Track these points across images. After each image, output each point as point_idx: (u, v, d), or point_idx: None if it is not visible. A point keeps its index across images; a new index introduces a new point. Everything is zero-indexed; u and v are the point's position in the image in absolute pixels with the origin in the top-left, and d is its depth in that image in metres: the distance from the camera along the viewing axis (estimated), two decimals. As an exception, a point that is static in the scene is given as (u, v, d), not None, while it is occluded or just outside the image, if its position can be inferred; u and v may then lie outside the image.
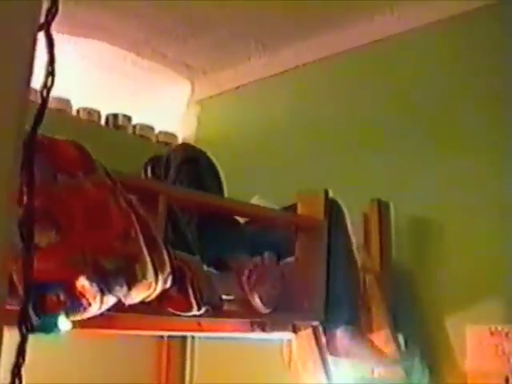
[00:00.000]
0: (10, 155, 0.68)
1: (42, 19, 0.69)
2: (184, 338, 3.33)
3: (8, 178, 0.68)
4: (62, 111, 3.29)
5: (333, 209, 2.42)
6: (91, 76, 3.50)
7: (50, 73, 0.70)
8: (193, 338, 3.32)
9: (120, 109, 3.60)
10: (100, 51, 3.40)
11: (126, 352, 3.08)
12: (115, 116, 3.58)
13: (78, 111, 3.42)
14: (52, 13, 0.69)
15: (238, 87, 3.70)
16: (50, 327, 1.12)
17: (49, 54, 0.70)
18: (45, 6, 0.69)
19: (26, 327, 0.75)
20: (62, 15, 2.56)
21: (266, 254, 2.13)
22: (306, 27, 3.20)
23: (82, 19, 3.13)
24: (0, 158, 0.67)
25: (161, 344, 3.32)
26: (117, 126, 3.57)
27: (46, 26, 0.69)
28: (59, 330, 1.16)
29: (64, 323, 1.16)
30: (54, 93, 2.89)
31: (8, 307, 1.11)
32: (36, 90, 2.56)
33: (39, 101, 0.73)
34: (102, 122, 3.55)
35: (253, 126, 3.64)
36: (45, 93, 0.70)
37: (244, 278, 2.01)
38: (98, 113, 3.51)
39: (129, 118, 3.64)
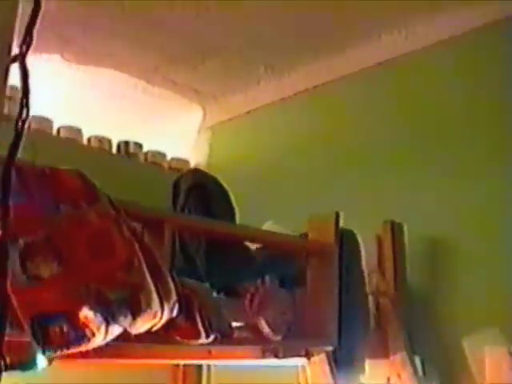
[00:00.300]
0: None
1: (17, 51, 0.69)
2: (200, 365, 3.29)
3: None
4: (72, 140, 3.31)
5: (343, 235, 2.39)
6: (102, 104, 3.52)
7: (25, 105, 0.69)
8: (208, 365, 3.28)
9: (131, 136, 3.61)
10: (110, 79, 3.42)
11: (141, 380, 3.05)
12: (126, 143, 3.59)
13: (89, 140, 3.44)
14: (27, 44, 0.68)
15: (248, 112, 3.71)
16: (27, 365, 1.10)
17: (23, 85, 0.69)
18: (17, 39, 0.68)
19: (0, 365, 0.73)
20: (70, 44, 2.57)
21: (267, 278, 2.11)
22: (314, 50, 3.21)
23: (92, 48, 3.16)
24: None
25: (176, 371, 3.28)
26: (128, 154, 3.58)
27: (21, 58, 0.68)
28: (37, 368, 1.13)
29: (42, 360, 1.14)
30: (65, 122, 2.90)
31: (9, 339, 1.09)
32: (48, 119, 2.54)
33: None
34: (114, 149, 3.56)
35: (264, 151, 3.64)
36: (19, 125, 0.69)
37: (246, 302, 1.99)
38: (109, 141, 3.52)
39: (140, 146, 3.65)
